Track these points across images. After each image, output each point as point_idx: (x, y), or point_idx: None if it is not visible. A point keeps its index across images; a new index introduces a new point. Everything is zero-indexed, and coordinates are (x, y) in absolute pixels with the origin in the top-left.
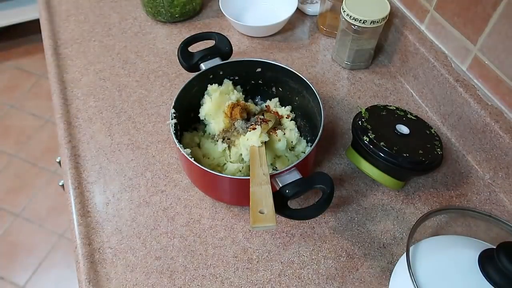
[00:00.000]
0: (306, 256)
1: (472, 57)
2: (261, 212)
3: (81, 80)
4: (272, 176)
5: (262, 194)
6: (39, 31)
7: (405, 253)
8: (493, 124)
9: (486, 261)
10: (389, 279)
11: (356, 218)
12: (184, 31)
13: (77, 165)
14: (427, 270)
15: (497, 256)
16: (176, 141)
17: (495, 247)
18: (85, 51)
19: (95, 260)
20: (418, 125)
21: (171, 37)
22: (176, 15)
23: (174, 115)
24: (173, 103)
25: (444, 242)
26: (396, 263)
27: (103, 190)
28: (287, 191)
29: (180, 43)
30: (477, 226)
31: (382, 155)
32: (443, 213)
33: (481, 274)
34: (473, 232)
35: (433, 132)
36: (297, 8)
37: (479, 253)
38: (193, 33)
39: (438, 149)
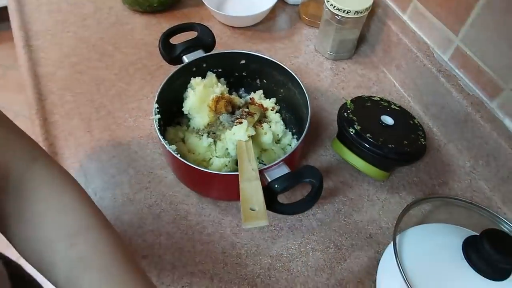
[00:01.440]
0: (295, 249)
1: (454, 48)
2: (252, 209)
3: (56, 74)
4: (261, 171)
5: (252, 190)
6: (4, 19)
7: (391, 242)
8: (474, 113)
9: (470, 248)
10: (377, 268)
11: (342, 210)
12: (163, 22)
13: None
14: (413, 258)
15: (480, 243)
16: (160, 137)
17: (477, 233)
18: (59, 43)
19: None
20: (402, 115)
21: (149, 27)
22: (155, 5)
23: (158, 110)
24: (156, 98)
25: (429, 230)
26: (383, 252)
27: (84, 189)
28: (276, 185)
29: (159, 34)
30: (459, 213)
31: (368, 147)
32: (427, 202)
33: (465, 260)
34: (456, 219)
35: (416, 122)
36: None
37: (462, 240)
38: (172, 23)
39: (422, 139)
